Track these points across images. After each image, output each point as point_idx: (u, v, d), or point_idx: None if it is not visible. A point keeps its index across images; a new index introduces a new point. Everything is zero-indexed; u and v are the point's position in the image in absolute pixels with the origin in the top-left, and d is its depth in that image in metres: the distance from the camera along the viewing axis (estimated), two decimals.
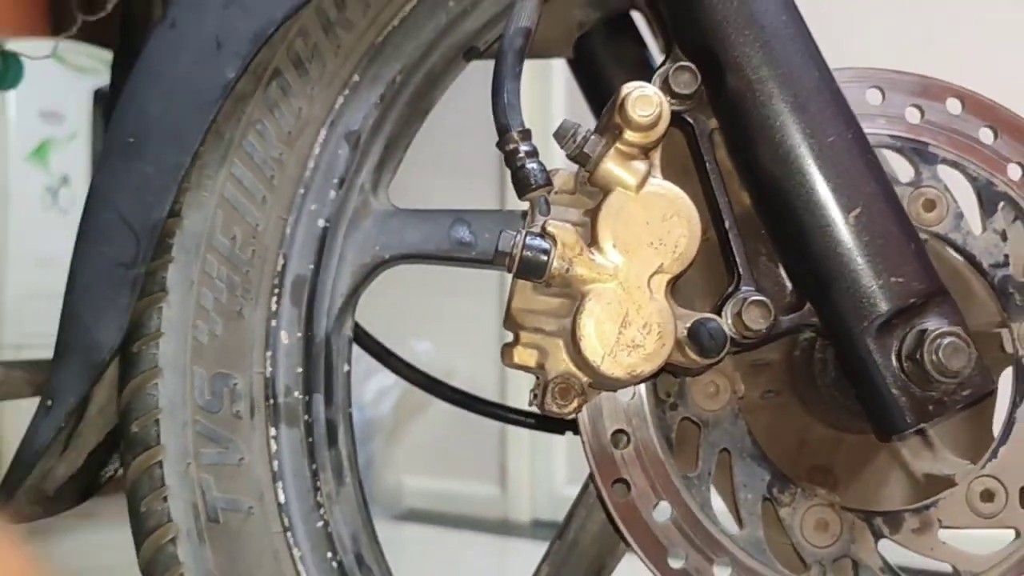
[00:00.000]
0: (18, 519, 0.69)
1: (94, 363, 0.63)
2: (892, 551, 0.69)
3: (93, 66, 2.31)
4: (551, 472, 2.56)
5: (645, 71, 0.83)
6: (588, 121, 0.68)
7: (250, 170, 0.68)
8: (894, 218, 0.62)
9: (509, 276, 0.60)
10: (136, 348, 0.66)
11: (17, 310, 2.52)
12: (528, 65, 0.65)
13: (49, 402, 0.64)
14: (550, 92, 2.31)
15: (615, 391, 0.65)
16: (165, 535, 0.65)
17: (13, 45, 0.91)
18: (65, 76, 2.26)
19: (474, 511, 2.61)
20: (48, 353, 0.95)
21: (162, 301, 0.66)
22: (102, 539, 2.28)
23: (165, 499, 0.66)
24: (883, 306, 0.60)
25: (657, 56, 0.87)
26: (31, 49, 1.05)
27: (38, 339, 2.54)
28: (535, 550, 0.78)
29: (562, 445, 2.55)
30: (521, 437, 2.56)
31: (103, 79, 2.37)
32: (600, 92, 0.85)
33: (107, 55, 2.45)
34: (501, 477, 2.63)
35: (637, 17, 0.86)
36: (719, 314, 0.62)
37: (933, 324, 0.61)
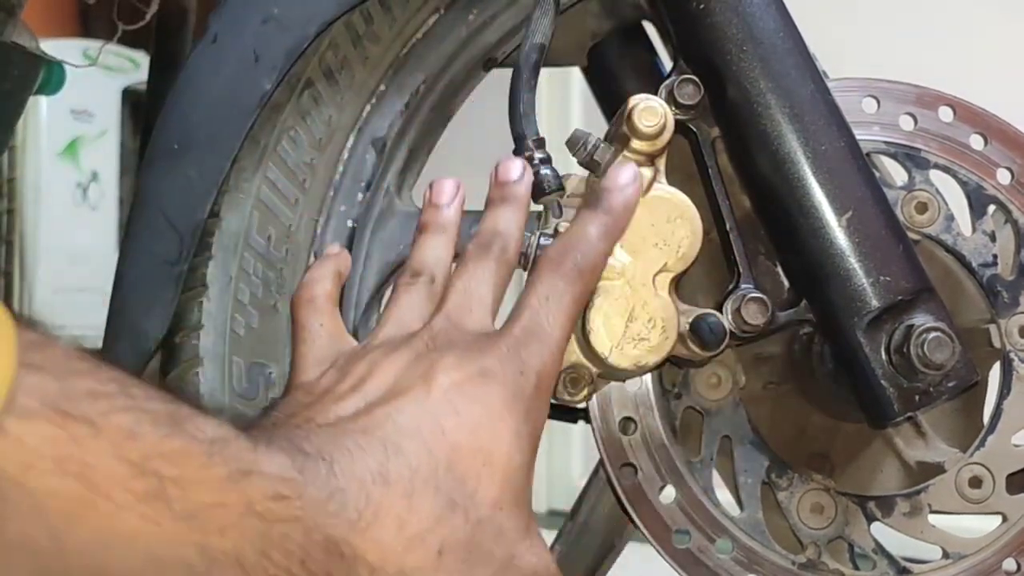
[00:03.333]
0: None
1: (141, 352, 0.68)
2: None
3: (122, 66, 2.35)
4: (567, 465, 2.59)
5: (655, 79, 0.86)
6: (603, 125, 0.72)
7: (284, 174, 0.73)
8: (884, 221, 0.65)
9: (525, 273, 0.64)
10: (179, 339, 0.71)
11: (48, 303, 2.57)
12: (547, 75, 0.69)
13: None
14: (569, 101, 2.35)
15: (623, 381, 0.69)
16: None
17: (53, 51, 0.95)
18: (95, 75, 2.30)
19: None
20: (81, 344, 1.00)
21: (203, 296, 0.71)
22: None
23: None
24: (873, 303, 0.64)
25: (667, 63, 0.90)
26: (63, 49, 1.09)
27: (68, 332, 2.59)
28: (551, 539, 0.81)
29: (578, 440, 2.58)
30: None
31: (132, 78, 2.42)
32: (612, 99, 0.88)
33: (135, 55, 2.48)
34: None
35: (648, 27, 0.88)
36: (720, 310, 0.65)
37: (919, 320, 0.64)
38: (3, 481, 0.33)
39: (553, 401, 0.67)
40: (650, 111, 0.62)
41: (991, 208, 0.73)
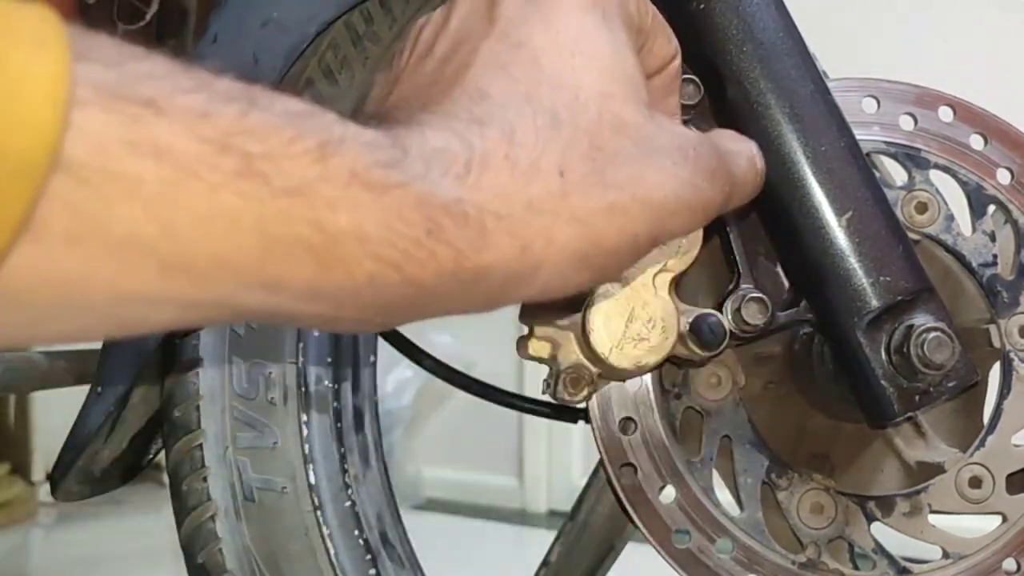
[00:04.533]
0: (68, 497, 0.74)
1: (142, 353, 0.68)
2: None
3: None
4: (567, 464, 2.59)
5: None
6: None
7: None
8: (884, 221, 0.65)
9: None
10: (179, 340, 0.71)
11: None
12: None
13: (99, 389, 0.68)
14: None
15: (623, 381, 0.69)
16: (205, 513, 0.70)
17: None
18: None
19: (492, 501, 2.64)
20: (81, 345, 1.00)
21: None
22: (131, 526, 2.33)
23: (205, 479, 0.70)
24: (873, 303, 0.64)
25: None
26: None
27: None
28: (551, 539, 0.81)
29: (578, 439, 2.58)
30: (538, 430, 2.59)
31: None
32: None
33: None
34: (518, 469, 2.66)
35: None
36: (720, 310, 0.65)
37: (919, 320, 0.64)
38: (85, 171, 0.31)
39: (553, 401, 0.67)
40: None
41: (991, 208, 0.73)
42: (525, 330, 0.67)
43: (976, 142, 0.73)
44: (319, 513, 0.71)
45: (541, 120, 0.41)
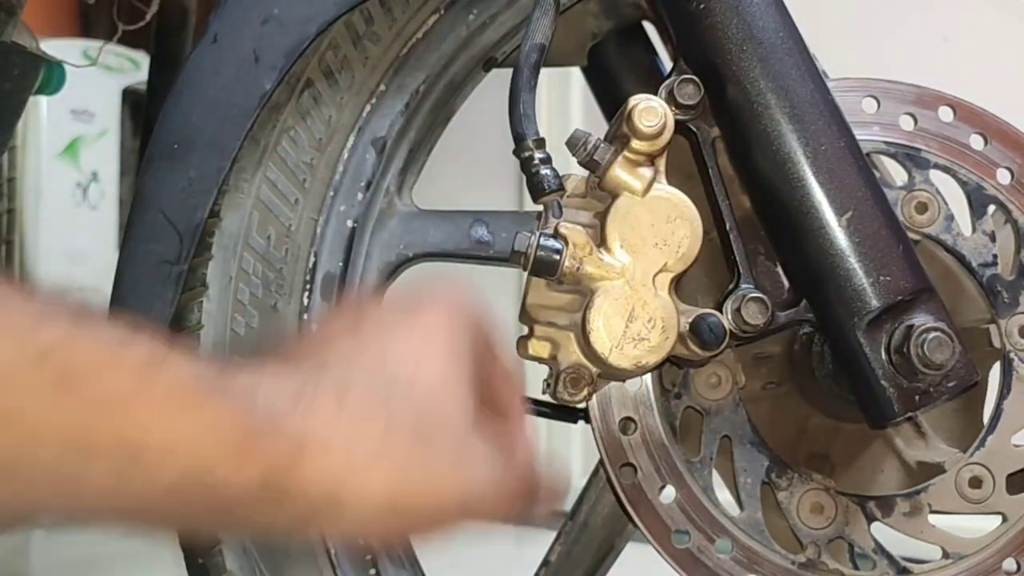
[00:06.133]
0: None
1: None
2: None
3: (122, 66, 2.35)
4: (567, 464, 2.59)
5: (655, 79, 0.86)
6: (603, 125, 0.72)
7: (284, 174, 0.73)
8: (884, 220, 0.65)
9: (524, 274, 0.64)
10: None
11: None
12: (547, 75, 0.69)
13: None
14: (569, 101, 2.35)
15: (623, 381, 0.69)
16: None
17: (53, 51, 0.95)
18: (95, 75, 2.30)
19: None
20: None
21: (202, 296, 0.71)
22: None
23: None
24: (873, 303, 0.64)
25: (667, 63, 0.90)
26: (63, 49, 1.09)
27: None
28: (551, 540, 0.81)
29: (578, 440, 2.58)
30: (538, 430, 2.59)
31: (132, 78, 2.42)
32: (612, 99, 0.88)
33: (135, 55, 2.48)
34: None
35: (648, 27, 0.89)
36: (720, 309, 0.65)
37: (919, 320, 0.64)
38: None
39: (553, 401, 0.67)
40: (650, 111, 0.62)
41: (991, 208, 0.73)
42: (525, 330, 0.67)
43: (976, 142, 0.73)
44: None
45: (376, 390, 0.45)
